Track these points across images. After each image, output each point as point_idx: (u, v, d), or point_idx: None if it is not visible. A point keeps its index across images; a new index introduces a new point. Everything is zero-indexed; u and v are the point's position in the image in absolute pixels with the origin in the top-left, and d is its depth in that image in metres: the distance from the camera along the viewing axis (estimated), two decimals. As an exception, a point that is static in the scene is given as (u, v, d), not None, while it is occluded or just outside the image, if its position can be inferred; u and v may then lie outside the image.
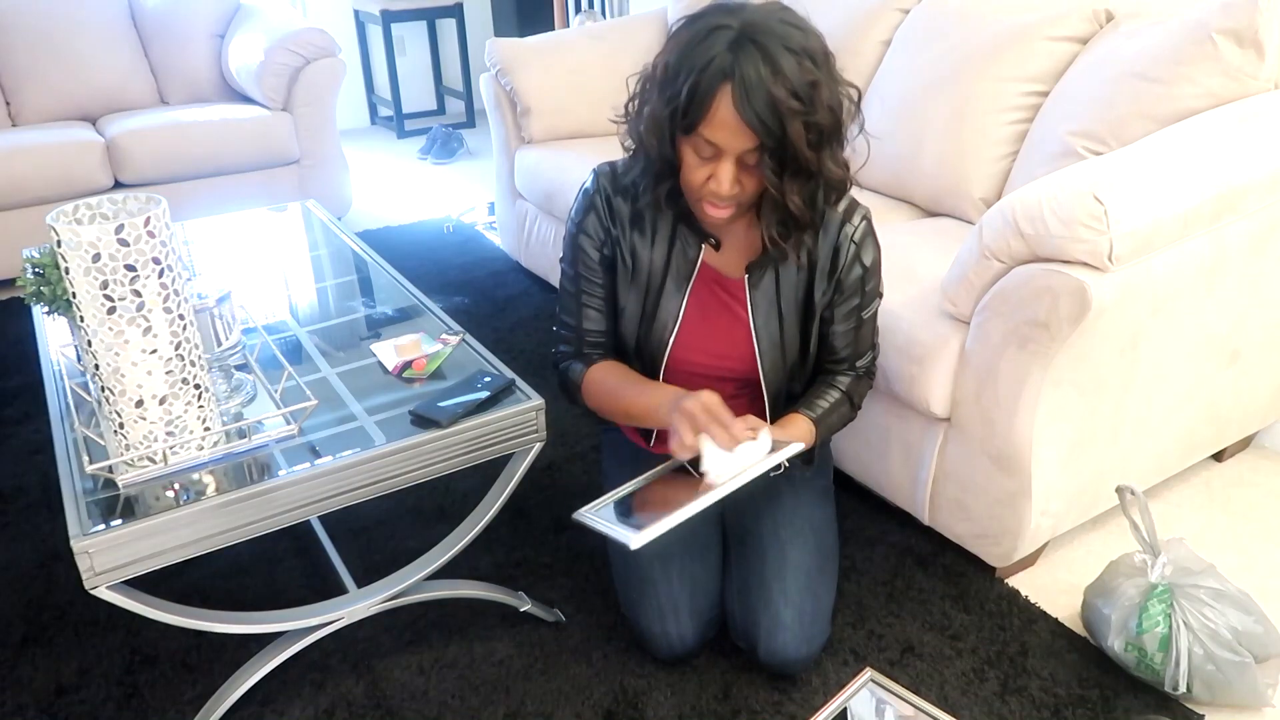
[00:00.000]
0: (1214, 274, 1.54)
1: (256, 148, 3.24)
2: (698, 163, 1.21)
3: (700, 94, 1.14)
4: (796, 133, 1.14)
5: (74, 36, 3.33)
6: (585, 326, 1.45)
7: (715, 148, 1.17)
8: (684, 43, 1.17)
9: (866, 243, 1.36)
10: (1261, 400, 1.86)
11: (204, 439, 1.21)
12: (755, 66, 1.11)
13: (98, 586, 1.12)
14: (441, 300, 2.84)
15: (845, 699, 1.31)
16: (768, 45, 1.12)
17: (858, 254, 1.36)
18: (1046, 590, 1.64)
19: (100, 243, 1.06)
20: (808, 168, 1.19)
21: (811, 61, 1.15)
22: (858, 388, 1.47)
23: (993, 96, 1.97)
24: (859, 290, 1.38)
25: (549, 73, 2.77)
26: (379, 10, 4.61)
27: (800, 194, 1.22)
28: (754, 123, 1.12)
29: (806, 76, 1.14)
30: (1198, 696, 1.39)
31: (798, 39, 1.15)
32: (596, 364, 1.44)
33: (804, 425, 1.39)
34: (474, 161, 4.41)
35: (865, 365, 1.47)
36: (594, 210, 1.40)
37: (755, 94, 1.11)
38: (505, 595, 1.56)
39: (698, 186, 1.23)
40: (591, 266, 1.42)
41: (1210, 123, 1.57)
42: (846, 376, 1.46)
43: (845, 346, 1.43)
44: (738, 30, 1.13)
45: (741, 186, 1.21)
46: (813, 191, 1.24)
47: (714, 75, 1.13)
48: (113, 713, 1.44)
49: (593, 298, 1.43)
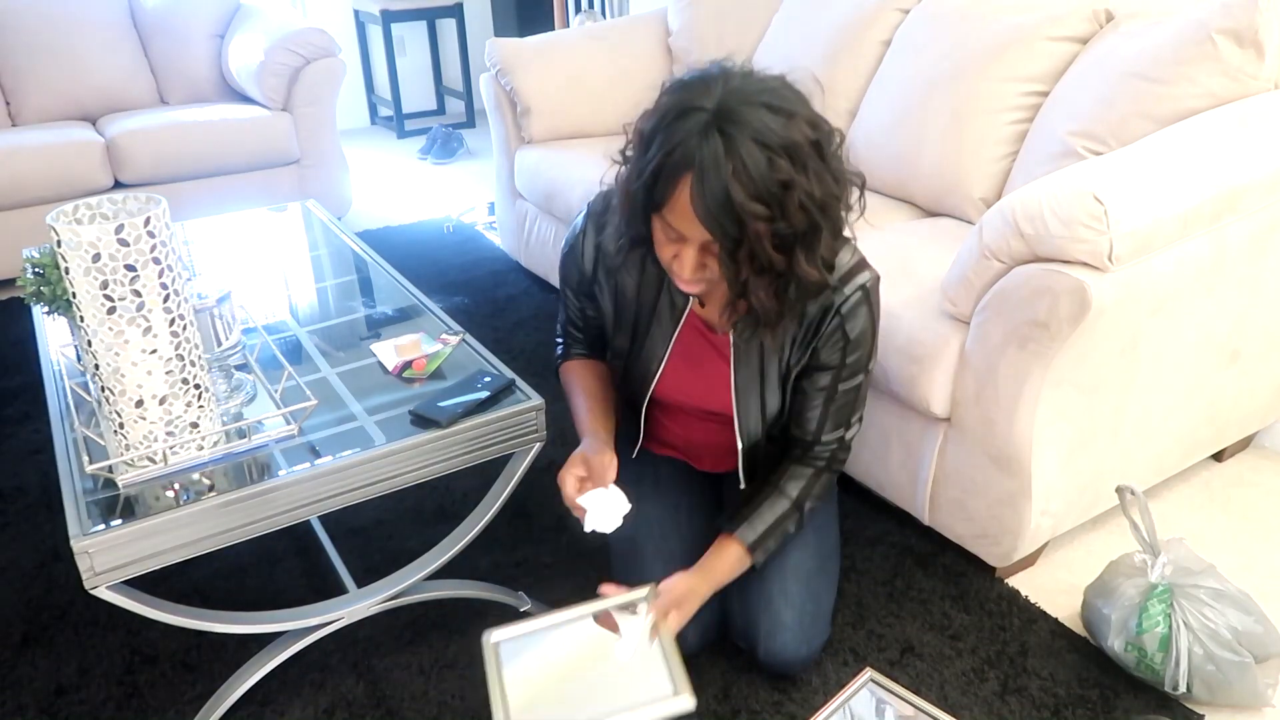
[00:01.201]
0: (1214, 274, 1.54)
1: (256, 148, 3.24)
2: (665, 241, 1.15)
3: (664, 178, 1.07)
4: (756, 234, 1.06)
5: (74, 36, 3.33)
6: (570, 329, 1.52)
7: (678, 233, 1.11)
8: (661, 114, 1.09)
9: (856, 313, 1.27)
10: (1261, 400, 1.86)
11: (204, 439, 1.21)
12: (716, 162, 1.02)
13: (98, 586, 1.12)
14: (441, 300, 2.84)
15: (845, 699, 1.31)
16: (736, 138, 1.03)
17: (842, 325, 1.28)
18: (1046, 590, 1.64)
19: (100, 243, 1.06)
20: (774, 269, 1.11)
21: (788, 158, 1.04)
22: (812, 489, 1.38)
23: (993, 96, 1.97)
24: (838, 361, 1.31)
25: (549, 73, 2.77)
26: (379, 10, 4.61)
27: (766, 290, 1.14)
28: (708, 221, 1.05)
29: (777, 175, 1.04)
30: (1198, 696, 1.39)
31: (776, 130, 1.04)
32: (575, 359, 1.52)
33: (734, 556, 1.34)
34: (474, 161, 4.41)
35: (831, 447, 1.38)
36: (576, 255, 1.39)
37: (711, 192, 1.03)
38: (505, 595, 1.56)
39: (665, 262, 1.18)
40: (572, 291, 1.45)
41: (1210, 123, 1.57)
42: (804, 470, 1.38)
43: (813, 415, 1.36)
44: (711, 114, 1.04)
45: (706, 270, 1.14)
46: (782, 287, 1.16)
47: (678, 162, 1.05)
48: (113, 713, 1.44)
49: (572, 310, 1.48)
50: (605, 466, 1.29)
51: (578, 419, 1.44)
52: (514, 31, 4.63)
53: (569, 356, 1.53)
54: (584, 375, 1.49)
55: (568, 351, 1.53)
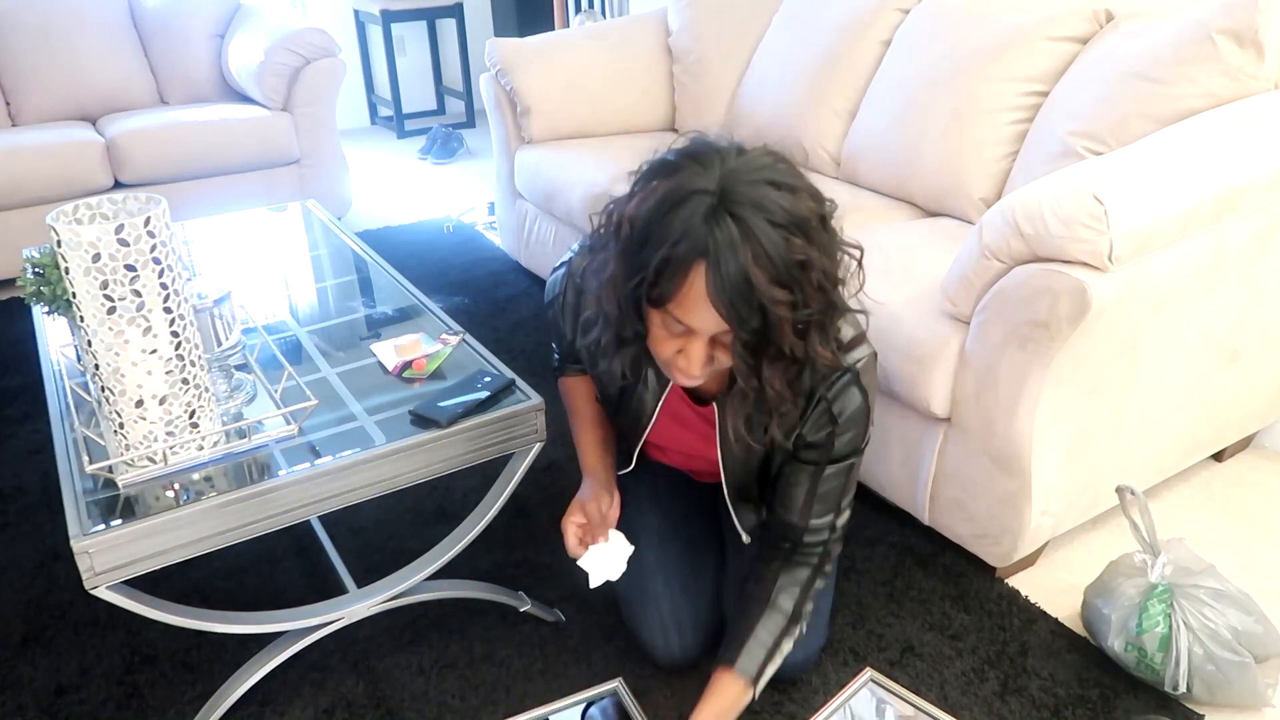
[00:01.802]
0: (1214, 274, 1.54)
1: (256, 148, 3.24)
2: (666, 336, 1.07)
3: (671, 270, 0.98)
4: (779, 321, 0.99)
5: (74, 36, 3.33)
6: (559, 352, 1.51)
7: (686, 327, 1.04)
8: (655, 203, 1.00)
9: (844, 396, 1.18)
10: (1261, 400, 1.86)
11: (204, 439, 1.21)
12: (732, 246, 0.95)
13: (98, 586, 1.11)
14: (441, 300, 2.84)
15: (845, 699, 1.31)
16: (749, 220, 0.96)
17: (828, 409, 1.19)
18: (1046, 590, 1.64)
19: (100, 243, 1.06)
20: (791, 354, 1.04)
21: (802, 235, 0.98)
22: (808, 595, 1.30)
23: (993, 96, 1.97)
24: (826, 443, 1.22)
25: (549, 73, 2.77)
26: (379, 10, 4.61)
27: (780, 379, 1.08)
28: (728, 312, 0.98)
29: (795, 255, 0.97)
30: (1198, 696, 1.39)
31: (784, 207, 0.98)
32: (573, 375, 1.51)
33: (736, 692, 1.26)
34: (474, 161, 4.41)
35: (822, 537, 1.30)
36: (558, 313, 1.34)
37: (730, 279, 0.96)
38: (505, 595, 1.57)
39: (665, 359, 1.10)
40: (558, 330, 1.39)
41: (1210, 123, 1.57)
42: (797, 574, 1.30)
43: (799, 495, 1.27)
44: (716, 195, 0.97)
45: (715, 362, 1.08)
46: (796, 375, 1.10)
47: (687, 252, 0.97)
48: (113, 713, 1.44)
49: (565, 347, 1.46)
50: (605, 512, 1.30)
51: (579, 446, 1.44)
52: (514, 31, 4.63)
53: (565, 371, 1.52)
54: (583, 396, 1.48)
55: (564, 367, 1.52)
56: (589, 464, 1.41)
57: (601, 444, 1.44)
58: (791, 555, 1.32)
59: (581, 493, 1.36)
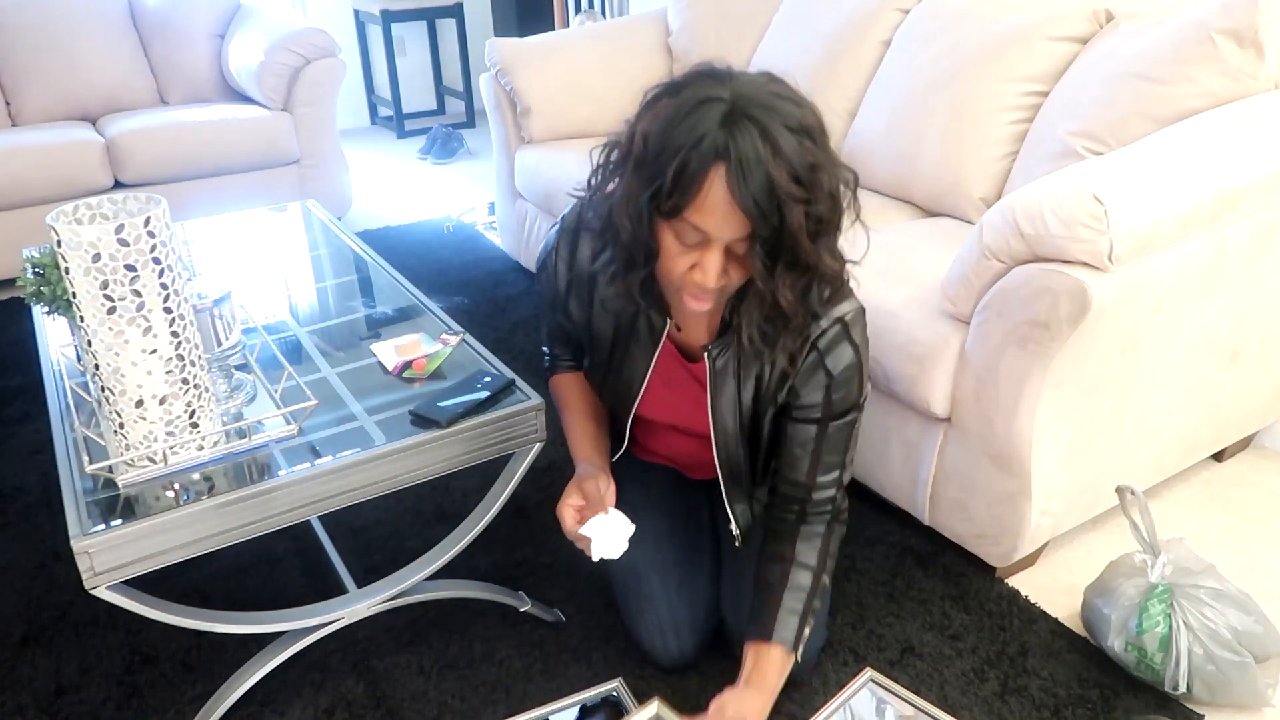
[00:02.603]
0: (1214, 274, 1.54)
1: (256, 148, 3.25)
2: (680, 250, 1.08)
3: (689, 174, 1.00)
4: (796, 221, 1.02)
5: (74, 36, 3.33)
6: (552, 342, 1.50)
7: (703, 234, 1.04)
8: (668, 115, 1.03)
9: (836, 348, 1.20)
10: (1261, 400, 1.86)
11: (204, 439, 1.21)
12: (753, 145, 0.98)
13: (98, 586, 1.12)
14: (441, 300, 2.84)
15: (845, 699, 1.31)
16: (765, 121, 0.99)
17: (820, 361, 1.21)
18: (1046, 590, 1.64)
19: (100, 243, 1.06)
20: (804, 260, 1.07)
21: (811, 140, 1.02)
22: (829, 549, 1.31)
23: (993, 96, 1.97)
24: (823, 398, 1.23)
25: (549, 73, 2.77)
26: (379, 10, 4.61)
27: (793, 289, 1.10)
28: (750, 209, 1.00)
29: (807, 158, 1.01)
30: (1198, 696, 1.39)
31: (795, 114, 1.02)
32: (563, 371, 1.50)
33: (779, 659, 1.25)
34: (474, 161, 4.41)
35: (830, 493, 1.30)
36: (551, 269, 1.34)
37: (753, 176, 0.98)
38: (505, 595, 1.57)
39: (678, 276, 1.10)
40: (549, 305, 1.41)
41: (1210, 123, 1.57)
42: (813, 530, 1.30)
43: (802, 457, 1.28)
44: (730, 103, 1.00)
45: (729, 276, 1.09)
46: (806, 286, 1.12)
47: (706, 154, 0.99)
48: (113, 713, 1.44)
49: (553, 324, 1.45)
50: (602, 492, 1.28)
51: (570, 439, 1.42)
52: (514, 31, 4.63)
53: (556, 369, 1.51)
54: (573, 390, 1.47)
55: (555, 364, 1.51)
56: (583, 452, 1.39)
57: (595, 435, 1.43)
58: (803, 517, 1.32)
59: (576, 476, 1.33)
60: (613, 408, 1.45)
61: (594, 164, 1.16)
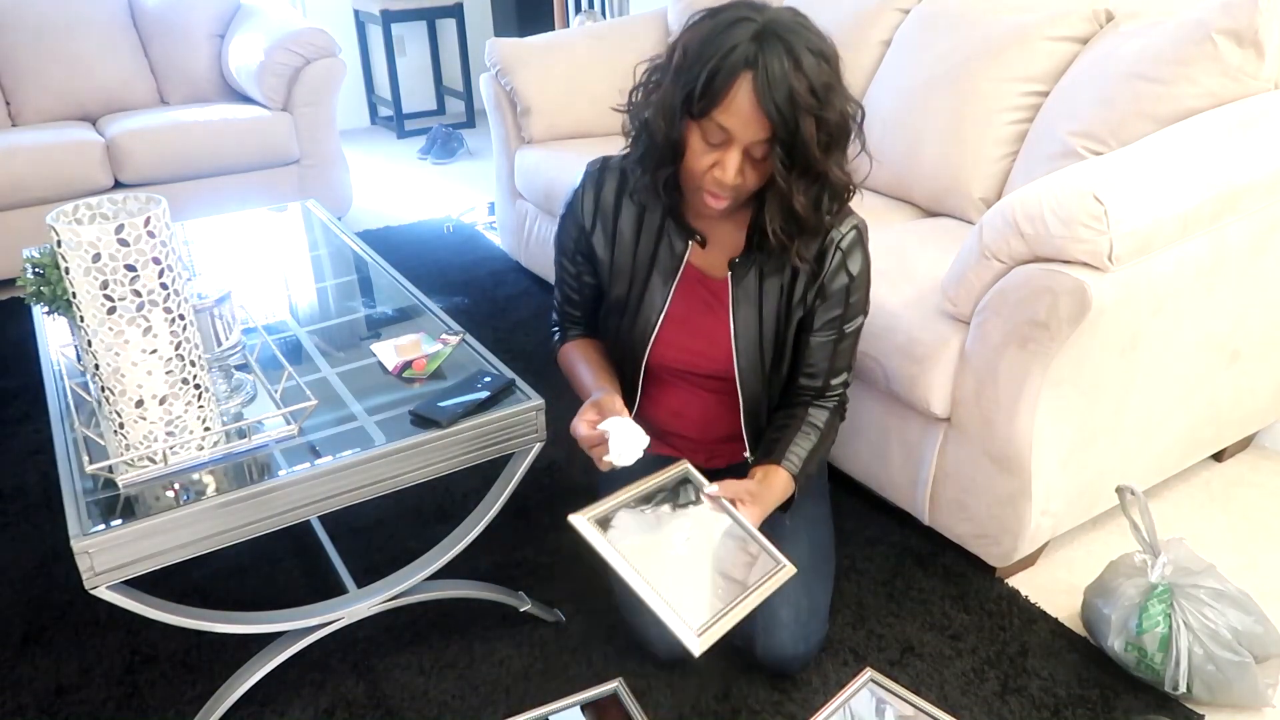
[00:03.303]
0: (1214, 274, 1.54)
1: (256, 148, 3.25)
2: (704, 149, 1.21)
3: (720, 79, 1.14)
4: (809, 130, 1.15)
5: (74, 36, 3.33)
6: (565, 308, 1.56)
7: (726, 134, 1.18)
8: (705, 31, 1.18)
9: (854, 252, 1.35)
10: (1261, 400, 1.86)
11: (204, 439, 1.21)
12: (779, 58, 1.13)
13: (98, 586, 1.11)
14: (441, 300, 2.84)
15: (845, 699, 1.31)
16: (791, 41, 1.14)
17: (844, 261, 1.35)
18: (1046, 590, 1.64)
19: (100, 243, 1.06)
20: (815, 168, 1.20)
21: (828, 64, 1.17)
22: (833, 425, 1.45)
23: (993, 96, 1.97)
24: (843, 300, 1.37)
25: (549, 73, 2.77)
26: (379, 10, 4.61)
27: (806, 194, 1.23)
28: (771, 113, 1.14)
29: (824, 77, 1.16)
30: (1198, 696, 1.39)
31: (816, 41, 1.17)
32: (572, 340, 1.55)
33: (783, 483, 1.36)
34: (474, 161, 4.41)
35: (839, 390, 1.45)
36: (577, 205, 1.44)
37: (776, 84, 1.13)
38: (505, 595, 1.56)
39: (700, 173, 1.23)
40: (569, 257, 1.49)
41: (1210, 123, 1.57)
42: (822, 411, 1.43)
43: (821, 360, 1.41)
44: (761, 24, 1.15)
45: (744, 178, 1.22)
46: (818, 194, 1.25)
47: (736, 62, 1.14)
48: (113, 713, 1.44)
49: (568, 284, 1.52)
50: (617, 406, 1.29)
51: (581, 384, 1.46)
52: (514, 31, 4.63)
53: (566, 337, 1.56)
54: (585, 351, 1.52)
55: (565, 334, 1.56)
56: (595, 384, 1.42)
57: (608, 376, 1.45)
58: (814, 401, 1.44)
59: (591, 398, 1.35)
60: (629, 352, 1.47)
61: (636, 81, 1.30)
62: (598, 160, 1.44)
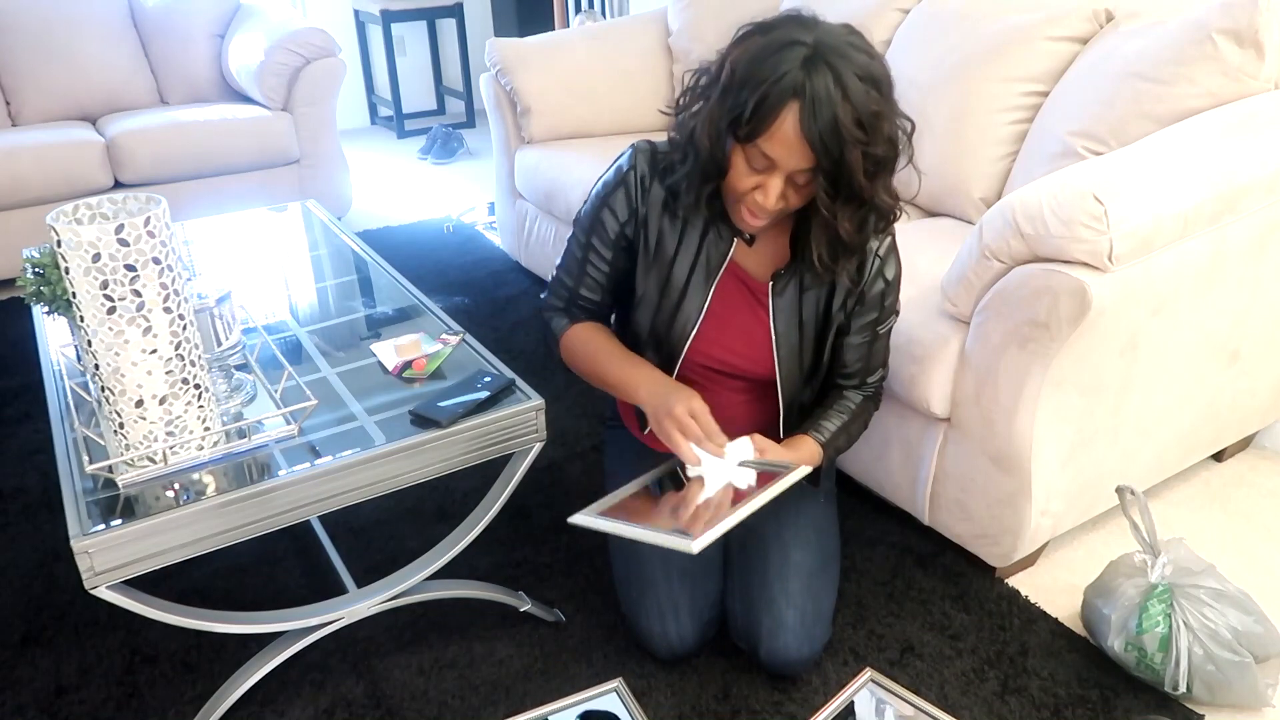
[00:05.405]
0: (1214, 274, 1.54)
1: (256, 148, 3.24)
2: (747, 172, 1.21)
3: (766, 107, 1.13)
4: (854, 160, 1.14)
5: (74, 36, 3.33)
6: (581, 292, 1.45)
7: (770, 161, 1.17)
8: (755, 52, 1.16)
9: (890, 258, 1.37)
10: (1261, 400, 1.86)
11: (204, 439, 1.21)
12: (826, 88, 1.11)
13: (98, 586, 1.12)
14: (441, 300, 2.84)
15: (845, 699, 1.31)
16: (840, 69, 1.12)
17: (881, 268, 1.36)
18: (1046, 590, 1.64)
19: (100, 243, 1.06)
20: (860, 195, 1.20)
21: (877, 90, 1.15)
22: (866, 410, 1.47)
23: (993, 96, 1.97)
24: (879, 304, 1.39)
25: (549, 73, 2.77)
26: (379, 10, 4.61)
27: (851, 220, 1.23)
28: (815, 144, 1.13)
29: (872, 106, 1.14)
30: (1198, 696, 1.39)
31: (866, 65, 1.14)
32: (582, 323, 1.46)
33: (811, 448, 1.39)
34: (474, 161, 4.41)
35: (875, 383, 1.48)
36: (625, 188, 1.38)
37: (822, 115, 1.11)
38: (505, 595, 1.57)
39: (742, 193, 1.23)
40: (605, 241, 1.41)
41: (1210, 123, 1.57)
42: (857, 394, 1.46)
43: (857, 360, 1.43)
44: (812, 48, 1.13)
45: (786, 201, 1.22)
46: (863, 218, 1.25)
47: (784, 90, 1.12)
48: (113, 713, 1.44)
49: (597, 270, 1.43)
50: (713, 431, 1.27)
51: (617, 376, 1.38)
52: (514, 31, 4.63)
53: (573, 317, 1.47)
54: (603, 334, 1.45)
55: (573, 311, 1.47)
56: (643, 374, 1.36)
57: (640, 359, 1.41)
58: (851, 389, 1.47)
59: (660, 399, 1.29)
60: (663, 347, 1.42)
61: (684, 85, 1.28)
62: (645, 144, 1.39)
